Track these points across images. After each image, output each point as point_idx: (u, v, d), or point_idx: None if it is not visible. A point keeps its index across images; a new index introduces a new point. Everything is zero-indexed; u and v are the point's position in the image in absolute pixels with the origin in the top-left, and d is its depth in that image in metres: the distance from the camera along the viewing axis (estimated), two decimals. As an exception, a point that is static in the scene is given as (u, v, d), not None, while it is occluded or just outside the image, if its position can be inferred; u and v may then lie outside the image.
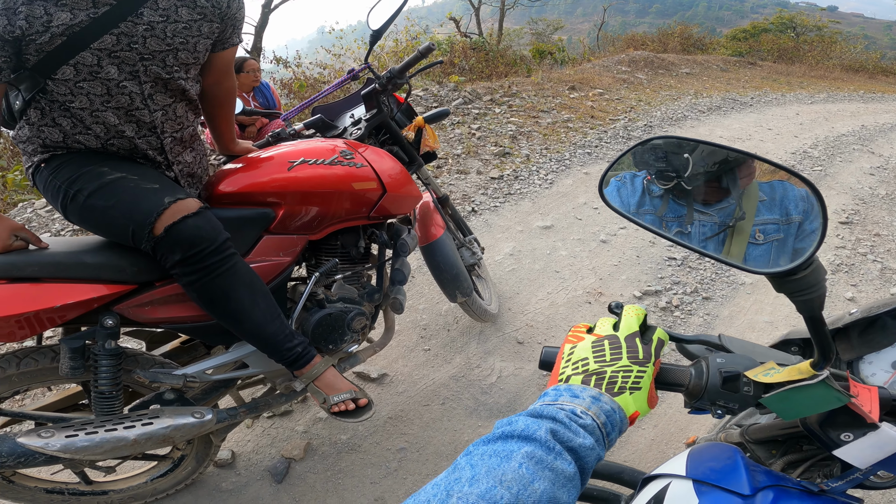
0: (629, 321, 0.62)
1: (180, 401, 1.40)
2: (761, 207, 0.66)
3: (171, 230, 1.19)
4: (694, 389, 0.64)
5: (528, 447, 0.44)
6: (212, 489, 1.64)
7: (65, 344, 1.22)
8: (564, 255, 3.11)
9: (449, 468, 0.44)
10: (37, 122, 1.23)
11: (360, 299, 1.65)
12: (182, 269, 1.23)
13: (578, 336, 0.63)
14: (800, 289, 0.56)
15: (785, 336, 0.87)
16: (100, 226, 1.25)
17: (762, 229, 0.66)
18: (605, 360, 0.58)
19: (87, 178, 1.23)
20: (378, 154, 1.66)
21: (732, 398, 0.63)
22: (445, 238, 2.01)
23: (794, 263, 0.55)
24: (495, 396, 2.05)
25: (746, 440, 0.89)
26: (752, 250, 0.65)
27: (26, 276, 1.15)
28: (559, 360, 0.62)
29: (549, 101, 6.41)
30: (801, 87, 10.45)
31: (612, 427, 0.51)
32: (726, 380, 0.63)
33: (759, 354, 0.69)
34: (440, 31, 10.94)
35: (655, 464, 1.82)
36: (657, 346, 0.61)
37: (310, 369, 1.43)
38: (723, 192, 0.69)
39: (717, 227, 0.69)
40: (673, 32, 14.94)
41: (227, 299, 1.28)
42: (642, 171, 0.77)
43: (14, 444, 1.18)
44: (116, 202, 1.21)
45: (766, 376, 0.62)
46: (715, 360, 0.65)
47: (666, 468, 0.69)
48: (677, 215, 0.73)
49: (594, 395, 0.53)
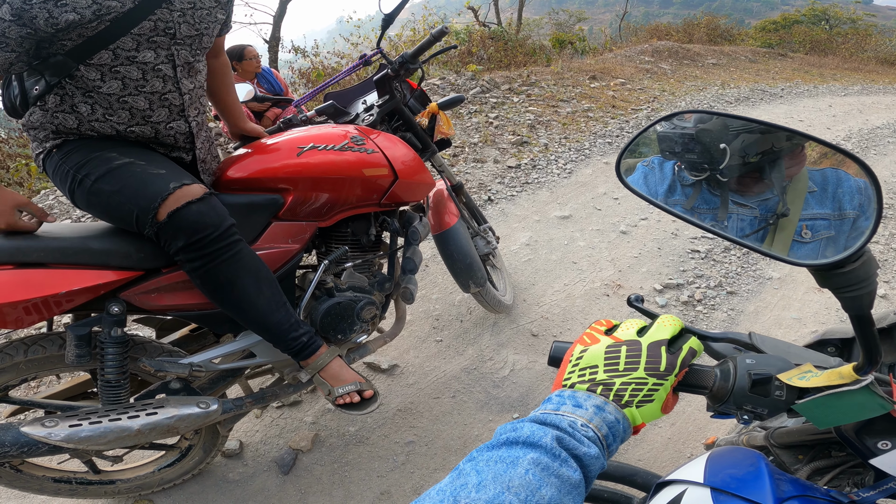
0: (660, 329, 0.56)
1: (186, 390, 1.38)
2: (810, 200, 0.59)
3: (174, 216, 1.17)
4: (718, 392, 0.58)
5: (534, 454, 0.43)
6: (219, 479, 1.63)
7: (70, 331, 1.21)
8: (582, 245, 3.03)
9: (452, 474, 0.43)
10: (52, 108, 1.22)
11: (371, 288, 1.61)
12: (185, 256, 1.20)
13: (594, 337, 0.58)
14: (847, 284, 0.50)
15: (821, 335, 0.79)
16: (106, 211, 1.24)
17: (810, 225, 0.58)
18: (618, 369, 0.53)
19: (96, 163, 1.22)
20: (390, 140, 1.62)
21: (762, 402, 0.56)
22: (459, 226, 1.96)
23: (842, 255, 0.49)
24: (507, 390, 2.00)
25: (771, 444, 0.83)
26: (797, 249, 0.58)
27: (32, 262, 1.13)
28: (566, 360, 0.57)
29: (569, 90, 6.29)
30: (835, 78, 10.08)
31: (613, 438, 0.49)
32: (756, 383, 0.57)
33: (795, 355, 0.62)
34: (458, 21, 10.82)
35: (671, 464, 1.75)
36: (686, 357, 0.55)
37: (315, 359, 1.39)
38: (764, 184, 0.62)
39: (757, 222, 0.62)
40: (699, 23, 14.56)
41: (231, 287, 1.25)
42: (671, 161, 0.70)
43: (18, 433, 1.17)
44: (122, 187, 1.20)
45: (802, 380, 0.56)
46: (744, 361, 0.58)
47: (682, 473, 0.64)
48: (711, 207, 0.66)
49: (598, 405, 0.50)
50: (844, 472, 0.72)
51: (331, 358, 1.41)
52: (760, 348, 0.66)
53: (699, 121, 0.66)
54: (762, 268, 2.90)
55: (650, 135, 0.69)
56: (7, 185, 4.30)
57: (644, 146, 0.71)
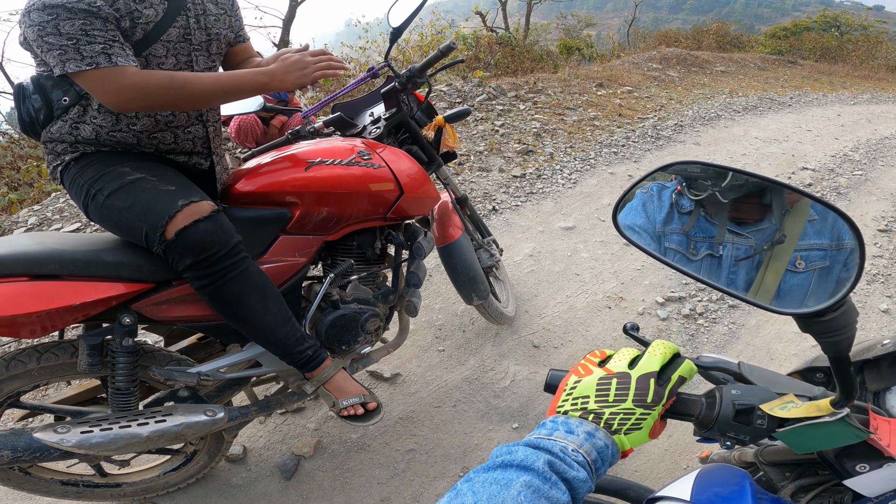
0: (650, 360, 0.60)
1: (194, 398, 1.42)
2: (809, 229, 0.61)
3: (181, 234, 1.19)
4: (704, 420, 0.62)
5: (527, 476, 0.46)
6: (222, 484, 1.67)
7: (83, 341, 1.24)
8: (586, 257, 3.05)
9: (450, 493, 0.46)
10: (73, 119, 1.24)
11: (375, 300, 1.64)
12: (193, 273, 1.23)
13: (587, 369, 0.61)
14: (828, 331, 0.53)
15: (811, 363, 0.82)
16: (117, 226, 1.27)
17: (805, 256, 0.60)
18: (608, 400, 0.57)
19: (109, 178, 1.25)
20: (396, 154, 1.65)
21: (744, 430, 0.60)
22: (463, 239, 1.98)
23: (823, 305, 0.52)
24: (508, 400, 2.02)
25: (760, 461, 0.86)
26: (790, 279, 0.61)
27: (47, 274, 1.17)
28: (561, 389, 0.61)
29: (576, 98, 6.30)
30: (844, 87, 10.03)
31: (602, 462, 0.52)
32: (739, 412, 0.60)
33: (779, 385, 0.66)
34: (466, 26, 10.86)
35: (667, 475, 1.78)
36: (675, 385, 0.59)
37: (320, 372, 1.43)
38: (763, 211, 0.64)
39: (752, 250, 0.64)
40: (708, 30, 14.50)
41: (238, 303, 1.28)
42: (672, 183, 0.72)
43: (31, 439, 1.21)
44: (133, 203, 1.22)
45: (783, 410, 0.59)
46: (729, 392, 0.62)
47: (671, 490, 0.67)
48: (707, 235, 0.68)
49: (589, 431, 0.54)
50: (827, 491, 0.75)
51: (335, 371, 1.45)
52: (748, 378, 0.70)
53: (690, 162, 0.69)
54: (764, 281, 2.91)
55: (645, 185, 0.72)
56: (18, 187, 4.37)
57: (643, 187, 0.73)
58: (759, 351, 2.39)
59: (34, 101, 1.24)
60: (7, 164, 4.84)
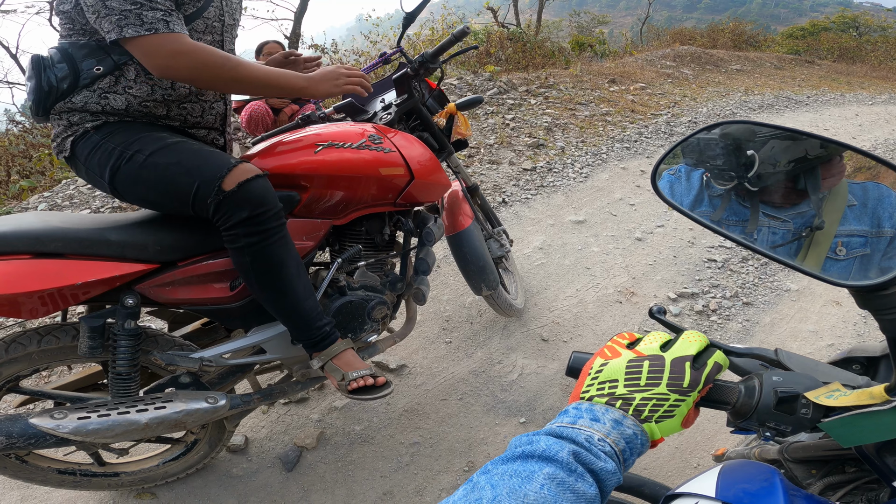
0: (685, 345, 0.55)
1: (196, 385, 1.38)
2: (848, 214, 0.56)
3: (243, 185, 1.21)
4: (742, 409, 0.57)
5: (550, 468, 0.43)
6: (222, 474, 1.63)
7: (84, 322, 1.22)
8: (596, 251, 3.00)
9: (466, 486, 0.43)
10: (104, 89, 1.24)
11: (383, 288, 1.61)
12: (245, 229, 1.22)
13: (615, 351, 0.57)
14: (889, 306, 0.49)
15: (847, 353, 0.77)
16: (156, 186, 1.23)
17: (846, 242, 0.56)
18: (639, 384, 0.52)
19: (148, 140, 1.25)
20: (407, 140, 1.62)
21: (786, 420, 0.56)
22: (473, 228, 1.94)
23: (887, 277, 0.47)
24: (515, 394, 1.98)
25: (785, 458, 0.81)
26: (830, 266, 0.56)
27: (50, 252, 1.14)
28: (585, 373, 0.56)
29: (588, 93, 6.23)
30: (862, 87, 9.86)
31: (630, 453, 0.48)
32: (782, 400, 0.55)
33: (822, 374, 0.61)
34: (477, 21, 10.78)
35: (677, 473, 1.72)
36: (711, 372, 0.54)
37: (330, 349, 1.40)
38: (799, 195, 0.60)
39: (790, 235, 0.59)
40: (724, 28, 14.32)
41: (279, 267, 1.28)
42: (698, 168, 0.68)
43: (26, 424, 1.18)
44: (181, 159, 1.23)
45: (830, 398, 0.54)
46: (770, 378, 0.57)
47: (693, 486, 0.62)
48: (739, 219, 0.63)
49: (616, 419, 0.49)
50: (858, 488, 0.70)
51: (344, 347, 1.42)
52: (787, 365, 0.65)
53: (724, 125, 0.64)
54: (780, 279, 2.84)
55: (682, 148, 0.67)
56: (29, 175, 4.38)
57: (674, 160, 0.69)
58: (774, 350, 2.33)
59: (58, 70, 1.21)
60: (19, 152, 4.85)
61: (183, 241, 1.28)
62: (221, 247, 1.32)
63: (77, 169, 1.33)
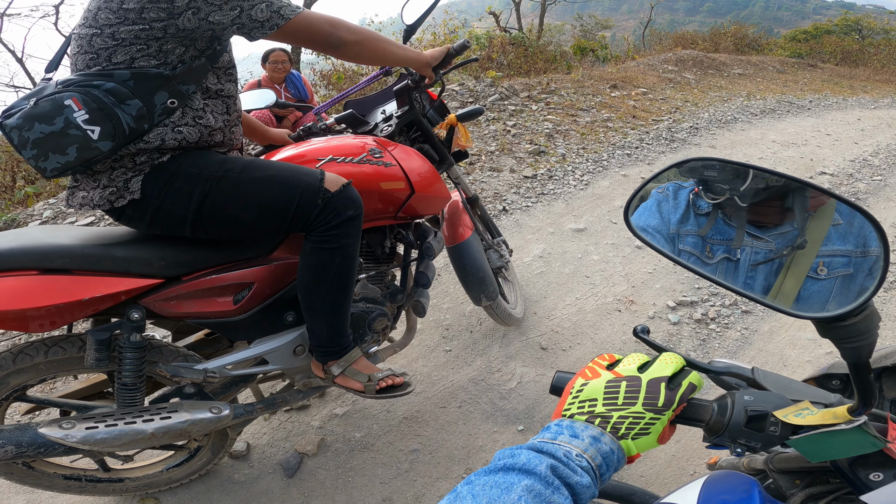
0: (661, 366, 0.59)
1: (200, 395, 1.41)
2: (833, 234, 0.58)
3: (346, 188, 1.30)
4: (714, 426, 0.60)
5: (528, 481, 0.45)
6: (224, 480, 1.66)
7: (91, 336, 1.24)
8: (596, 259, 3.02)
9: (450, 496, 0.45)
10: (176, 122, 1.18)
11: (383, 300, 1.63)
12: (345, 230, 1.30)
13: (595, 371, 0.60)
14: (847, 336, 0.51)
15: (826, 369, 0.80)
16: (257, 198, 1.24)
17: (828, 262, 0.57)
18: (617, 403, 0.55)
19: (233, 160, 1.27)
20: (407, 153, 1.64)
21: (756, 437, 0.59)
22: (473, 240, 1.97)
23: (844, 309, 0.50)
24: (514, 402, 2.00)
25: (770, 468, 0.83)
26: (811, 285, 0.58)
27: (57, 268, 1.16)
28: (567, 392, 0.60)
29: (589, 99, 6.25)
30: (865, 91, 9.84)
31: (606, 468, 0.51)
32: (752, 418, 0.59)
33: (794, 392, 0.64)
34: (479, 26, 10.82)
35: (673, 481, 1.74)
36: (685, 391, 0.58)
37: (347, 356, 1.44)
38: (784, 214, 0.61)
39: (771, 254, 0.62)
40: (726, 32, 14.32)
41: (354, 268, 1.36)
42: (689, 183, 0.69)
43: (35, 434, 1.20)
44: (277, 171, 1.27)
45: (798, 417, 0.58)
46: (742, 398, 0.60)
47: (677, 497, 0.66)
48: (725, 237, 0.65)
49: (594, 436, 0.52)
50: (838, 499, 0.72)
51: (359, 354, 1.46)
52: (762, 384, 0.67)
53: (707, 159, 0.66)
54: (779, 288, 2.86)
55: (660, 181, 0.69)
56: (34, 181, 4.41)
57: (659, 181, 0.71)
58: (772, 357, 2.34)
59: (131, 107, 1.09)
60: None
61: (187, 256, 1.31)
62: (224, 262, 1.35)
63: (141, 214, 1.22)
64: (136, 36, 1.08)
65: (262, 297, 1.41)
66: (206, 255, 1.34)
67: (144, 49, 1.10)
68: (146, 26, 1.08)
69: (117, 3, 1.07)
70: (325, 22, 1.24)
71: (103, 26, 1.08)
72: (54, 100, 1.05)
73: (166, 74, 1.12)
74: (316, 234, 1.29)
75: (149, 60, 1.11)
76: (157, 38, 1.10)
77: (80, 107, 1.05)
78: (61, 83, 1.09)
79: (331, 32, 1.24)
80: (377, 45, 1.33)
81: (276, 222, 1.28)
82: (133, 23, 1.07)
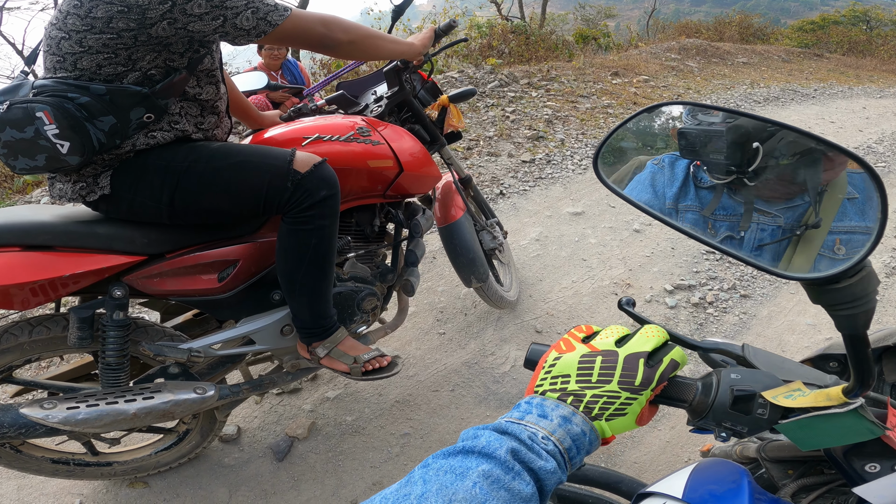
0: (641, 341, 0.54)
1: (185, 375, 1.39)
2: (848, 209, 0.51)
3: (319, 167, 1.27)
4: (698, 407, 0.55)
5: (486, 465, 0.42)
6: (214, 464, 1.65)
7: (73, 313, 1.23)
8: (593, 243, 2.99)
9: (403, 479, 0.43)
10: (150, 128, 1.19)
11: (373, 279, 1.61)
12: (320, 210, 1.27)
13: (570, 344, 0.56)
14: (842, 301, 0.46)
15: (824, 349, 0.75)
16: (227, 186, 1.23)
17: (845, 239, 0.51)
18: (590, 381, 0.51)
19: (196, 150, 1.24)
20: (397, 132, 1.62)
21: (742, 420, 0.54)
22: (464, 220, 1.94)
23: (837, 269, 0.45)
24: (507, 386, 1.98)
25: (762, 457, 0.80)
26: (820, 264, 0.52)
27: (39, 244, 1.15)
28: (540, 366, 0.55)
29: (590, 86, 6.19)
30: (871, 80, 9.71)
31: (577, 451, 0.48)
32: (738, 399, 0.53)
33: (786, 371, 0.58)
34: (480, 14, 10.72)
35: (667, 468, 1.72)
36: (666, 370, 0.53)
37: (332, 337, 1.42)
38: (795, 188, 0.56)
39: (780, 232, 0.56)
40: (731, 21, 14.15)
41: (333, 250, 1.33)
42: (690, 158, 0.64)
43: (17, 414, 1.19)
44: (246, 157, 1.25)
45: (788, 398, 0.52)
46: (728, 376, 0.55)
47: (663, 486, 0.62)
48: (730, 214, 0.60)
49: (565, 416, 0.49)
50: (831, 491, 0.69)
51: (345, 334, 1.44)
52: (752, 362, 0.62)
53: (728, 116, 0.60)
54: (779, 272, 2.82)
55: (630, 130, 0.65)
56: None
57: (625, 141, 0.67)
58: (770, 342, 2.31)
59: (104, 122, 1.09)
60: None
61: (170, 233, 1.29)
62: (208, 239, 1.33)
63: (115, 207, 1.23)
64: (103, 44, 1.05)
65: (247, 275, 1.39)
66: (190, 233, 1.32)
67: (112, 57, 1.07)
68: (114, 35, 1.04)
69: (85, 11, 1.03)
70: (318, 22, 1.20)
71: (71, 31, 1.05)
72: (26, 109, 1.03)
73: (145, 93, 1.11)
74: (290, 215, 1.27)
75: (116, 68, 1.08)
76: (126, 47, 1.06)
77: (50, 121, 1.03)
78: (36, 88, 1.07)
79: (324, 34, 1.22)
80: (371, 43, 1.32)
81: (251, 208, 1.27)
82: (101, 31, 1.03)
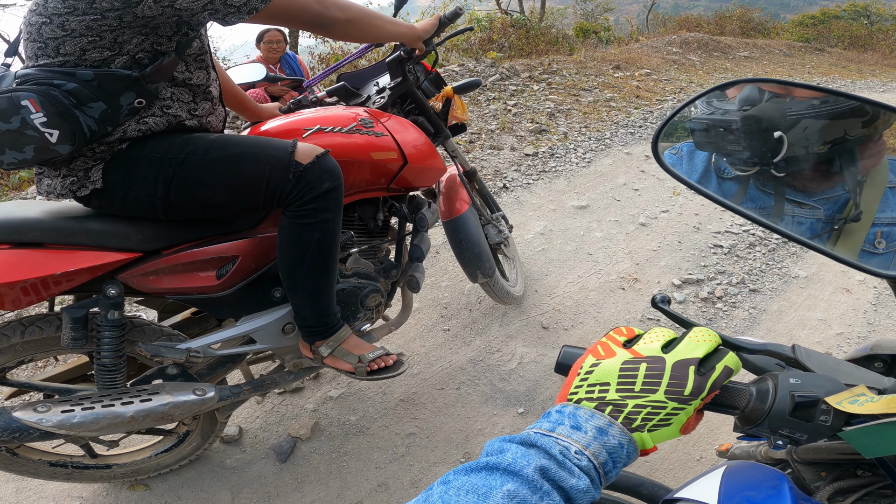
0: (691, 345, 0.49)
1: (184, 376, 1.35)
2: (891, 198, 0.47)
3: (321, 158, 1.21)
4: (752, 414, 0.51)
5: (512, 484, 0.39)
6: (215, 466, 1.61)
7: (66, 313, 1.18)
8: (599, 237, 2.94)
9: (420, 497, 0.40)
10: (142, 114, 1.14)
11: (376, 275, 1.57)
12: (323, 203, 1.22)
13: (609, 349, 0.50)
14: None
15: (869, 349, 0.70)
16: (225, 179, 1.18)
17: (886, 233, 0.47)
18: (633, 390, 0.46)
19: (195, 141, 1.18)
20: (401, 124, 1.57)
21: (803, 427, 0.49)
22: (469, 214, 1.90)
23: None
24: (514, 384, 1.94)
25: (794, 459, 0.75)
26: (866, 260, 0.47)
27: (29, 241, 1.10)
28: (574, 372, 0.50)
29: (592, 79, 6.13)
30: (874, 74, 9.67)
31: (613, 465, 0.43)
32: (798, 406, 0.49)
33: (845, 374, 0.54)
34: (480, 8, 10.62)
35: (678, 468, 1.67)
36: (719, 378, 0.48)
37: (336, 335, 1.37)
38: (832, 179, 0.51)
39: (820, 224, 0.51)
40: (731, 15, 14.09)
41: (336, 245, 1.28)
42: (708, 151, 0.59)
43: (10, 418, 1.15)
44: (244, 148, 1.19)
45: (855, 404, 0.48)
46: (787, 381, 0.51)
47: (693, 491, 0.57)
48: (759, 206, 0.54)
49: (601, 427, 0.44)
50: (870, 494, 0.64)
51: (349, 333, 1.39)
52: (805, 364, 0.58)
53: (745, 103, 0.54)
54: (788, 265, 2.78)
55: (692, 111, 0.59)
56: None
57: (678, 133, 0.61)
58: (780, 338, 2.27)
59: (93, 109, 1.04)
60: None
61: (166, 229, 1.25)
62: (206, 235, 1.28)
63: (108, 203, 1.17)
64: (87, 27, 1.00)
65: (247, 272, 1.35)
66: (187, 228, 1.27)
67: (97, 41, 1.02)
68: (98, 16, 0.99)
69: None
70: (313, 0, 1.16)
71: (52, 15, 0.99)
72: (10, 98, 0.98)
73: (135, 76, 1.06)
74: (292, 209, 1.22)
75: (102, 52, 1.03)
76: (111, 29, 1.01)
77: (37, 109, 0.99)
78: (20, 77, 1.02)
79: (320, 12, 1.16)
80: (369, 23, 1.26)
81: (250, 201, 1.22)
82: (83, 13, 0.98)
